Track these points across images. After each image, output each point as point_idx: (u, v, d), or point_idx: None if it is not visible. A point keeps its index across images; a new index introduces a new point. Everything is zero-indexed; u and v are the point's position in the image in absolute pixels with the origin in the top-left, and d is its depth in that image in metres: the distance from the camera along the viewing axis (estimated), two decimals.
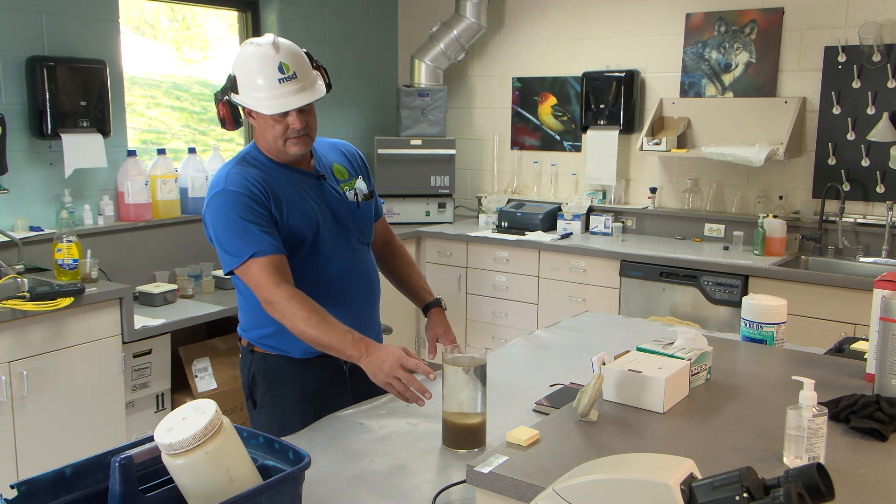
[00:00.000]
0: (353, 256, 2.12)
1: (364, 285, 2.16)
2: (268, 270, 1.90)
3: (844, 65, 4.01)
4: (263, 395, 2.12)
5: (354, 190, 2.15)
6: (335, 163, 2.17)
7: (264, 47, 1.93)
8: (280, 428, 1.96)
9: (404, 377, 1.81)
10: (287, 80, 1.92)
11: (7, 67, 3.47)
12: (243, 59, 1.96)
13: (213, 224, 1.97)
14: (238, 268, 1.94)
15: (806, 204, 4.18)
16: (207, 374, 3.79)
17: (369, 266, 2.20)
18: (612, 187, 4.76)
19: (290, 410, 2.07)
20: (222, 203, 1.94)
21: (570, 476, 1.03)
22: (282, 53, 1.93)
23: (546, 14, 5.00)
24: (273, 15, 4.69)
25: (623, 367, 1.66)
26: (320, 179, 2.09)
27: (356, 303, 2.13)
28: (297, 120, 1.95)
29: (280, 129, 1.96)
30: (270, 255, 1.91)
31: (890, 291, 1.73)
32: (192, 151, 4.19)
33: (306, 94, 1.95)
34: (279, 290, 1.88)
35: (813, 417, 1.36)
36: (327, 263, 2.06)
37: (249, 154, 2.05)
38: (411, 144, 4.94)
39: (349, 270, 2.10)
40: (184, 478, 1.26)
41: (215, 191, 1.97)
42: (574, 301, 4.34)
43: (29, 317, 2.96)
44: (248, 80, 1.94)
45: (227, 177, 1.97)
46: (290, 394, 2.08)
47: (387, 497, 1.54)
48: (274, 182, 1.99)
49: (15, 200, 3.54)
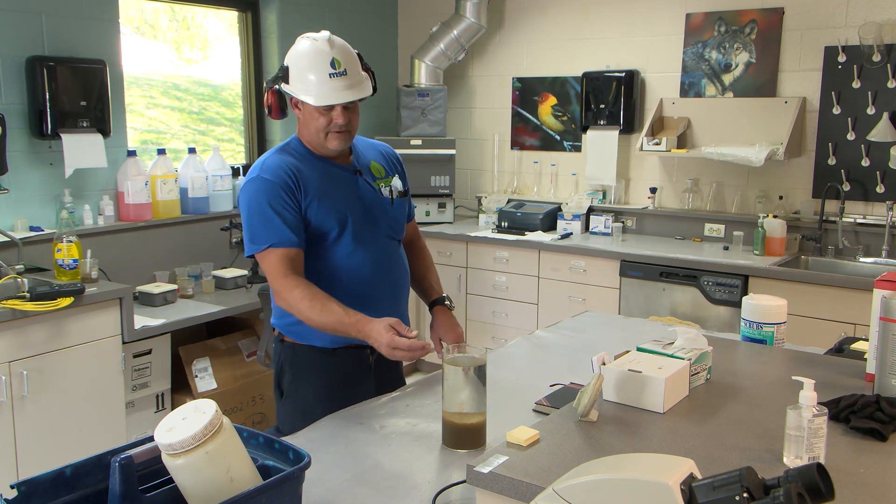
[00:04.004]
0: (383, 250, 2.18)
1: (392, 279, 2.22)
2: (281, 262, 2.00)
3: (844, 65, 4.01)
4: (290, 384, 2.18)
5: (390, 187, 2.22)
6: (373, 161, 2.24)
7: (319, 42, 2.00)
8: (303, 417, 2.00)
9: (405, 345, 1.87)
10: (337, 76, 2.00)
11: (7, 67, 3.47)
12: (298, 52, 2.04)
13: (244, 208, 2.07)
14: (257, 254, 2.05)
15: (806, 204, 4.18)
16: (207, 374, 3.79)
17: (398, 261, 2.25)
18: (612, 187, 4.76)
19: (314, 400, 2.11)
20: (255, 189, 2.04)
21: (570, 476, 1.03)
22: (335, 50, 2.01)
23: (546, 14, 5.00)
24: (273, 15, 4.69)
25: (623, 367, 1.66)
26: (356, 175, 2.16)
27: (383, 295, 2.19)
28: (340, 115, 2.03)
29: (323, 122, 2.04)
30: (286, 248, 2.01)
31: (890, 291, 1.73)
32: (192, 151, 4.19)
33: (354, 91, 2.03)
34: (286, 280, 1.99)
35: (813, 417, 1.36)
36: (355, 255, 2.12)
37: (290, 144, 2.14)
38: (411, 144, 4.94)
39: (378, 263, 2.16)
40: (184, 478, 1.26)
41: (251, 176, 2.07)
42: (574, 301, 4.34)
43: (29, 317, 2.96)
44: (299, 72, 2.02)
45: (263, 164, 2.07)
46: (315, 384, 2.14)
47: (387, 497, 1.54)
48: (308, 172, 2.08)
49: (15, 200, 3.54)
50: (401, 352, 1.87)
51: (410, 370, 4.88)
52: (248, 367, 3.96)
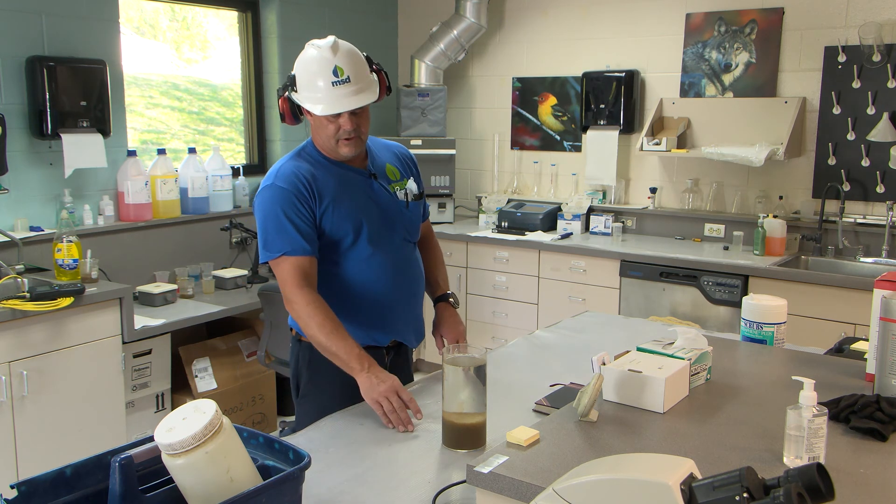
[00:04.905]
0: (398, 253, 2.19)
1: (409, 283, 2.23)
2: (295, 271, 2.01)
3: (844, 65, 4.01)
4: (307, 383, 2.20)
5: (405, 190, 2.23)
6: (388, 163, 2.24)
7: (323, 50, 1.99)
8: (319, 416, 2.00)
9: (396, 402, 1.88)
10: (340, 84, 1.99)
11: (7, 67, 3.47)
12: (304, 60, 2.04)
13: (259, 215, 2.08)
14: (271, 261, 2.06)
15: (806, 204, 4.18)
16: (207, 374, 3.79)
17: (413, 264, 2.26)
18: (612, 187, 4.76)
19: (329, 399, 2.11)
20: (269, 196, 2.05)
21: (570, 476, 1.02)
22: (339, 57, 1.99)
23: (546, 14, 5.00)
24: (273, 15, 4.69)
25: (623, 367, 1.66)
26: (371, 178, 2.16)
27: (399, 299, 2.20)
28: (348, 122, 2.02)
29: (332, 129, 2.04)
30: (300, 257, 2.02)
31: (890, 291, 1.73)
32: (192, 151, 4.19)
33: (358, 97, 2.02)
34: (300, 292, 2.00)
35: (813, 417, 1.36)
36: (371, 258, 2.13)
37: (305, 150, 2.15)
38: (411, 144, 4.94)
39: (393, 266, 2.17)
40: (184, 478, 1.26)
41: (266, 183, 2.08)
42: (574, 301, 4.34)
43: (29, 317, 2.97)
44: (305, 80, 2.02)
45: (279, 171, 2.08)
46: (331, 383, 2.14)
47: (387, 497, 1.54)
48: (323, 178, 2.08)
49: (15, 200, 3.54)
50: (395, 398, 1.87)
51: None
52: (248, 367, 3.96)
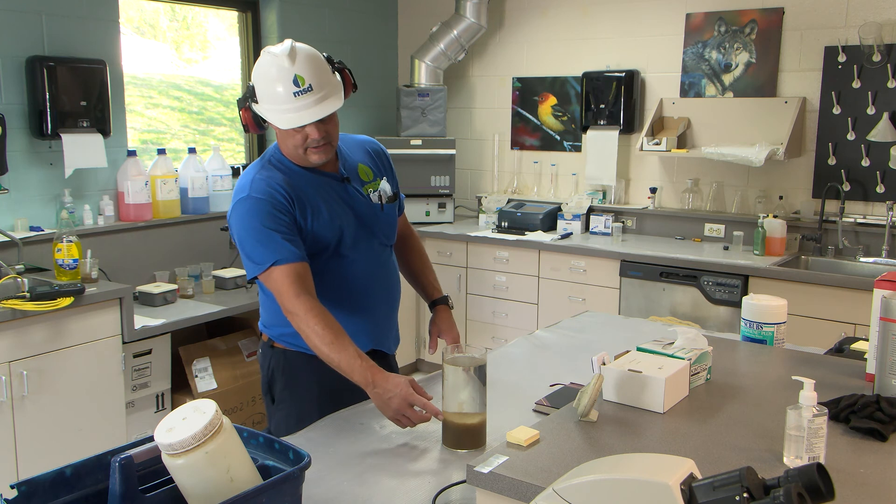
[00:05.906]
0: (376, 259, 2.13)
1: (385, 287, 2.18)
2: (289, 279, 1.89)
3: (844, 65, 4.01)
4: (282, 390, 2.12)
5: (379, 192, 2.13)
6: (360, 163, 2.16)
7: (280, 58, 1.87)
8: (298, 423, 1.96)
9: (413, 416, 1.80)
10: (302, 94, 1.88)
11: (7, 67, 3.47)
12: (261, 69, 1.93)
13: (237, 230, 1.97)
14: (261, 275, 1.94)
15: (806, 204, 4.18)
16: (207, 374, 3.79)
17: (391, 269, 2.21)
18: (612, 187, 4.76)
19: (308, 406, 2.06)
20: (246, 210, 1.94)
21: (570, 476, 1.03)
22: (297, 65, 1.87)
23: (546, 14, 5.00)
24: (273, 15, 4.69)
25: (623, 367, 1.66)
26: (345, 182, 2.08)
27: (377, 305, 2.15)
28: (315, 131, 1.93)
29: (299, 139, 1.95)
30: (292, 264, 1.90)
31: (890, 291, 1.72)
32: (192, 151, 4.19)
33: (322, 106, 1.90)
34: (299, 301, 1.88)
35: (813, 417, 1.36)
36: (350, 266, 2.07)
37: (274, 157, 2.04)
38: (411, 144, 4.94)
39: (371, 273, 2.11)
40: (184, 478, 1.26)
41: (240, 196, 1.97)
42: (574, 301, 4.34)
43: (29, 317, 2.96)
44: (265, 91, 1.92)
45: (251, 183, 1.97)
46: (308, 389, 2.08)
47: (387, 497, 1.54)
48: (298, 186, 1.98)
49: (15, 200, 3.54)
50: (412, 412, 1.78)
51: (410, 371, 4.88)
52: (248, 367, 3.95)
